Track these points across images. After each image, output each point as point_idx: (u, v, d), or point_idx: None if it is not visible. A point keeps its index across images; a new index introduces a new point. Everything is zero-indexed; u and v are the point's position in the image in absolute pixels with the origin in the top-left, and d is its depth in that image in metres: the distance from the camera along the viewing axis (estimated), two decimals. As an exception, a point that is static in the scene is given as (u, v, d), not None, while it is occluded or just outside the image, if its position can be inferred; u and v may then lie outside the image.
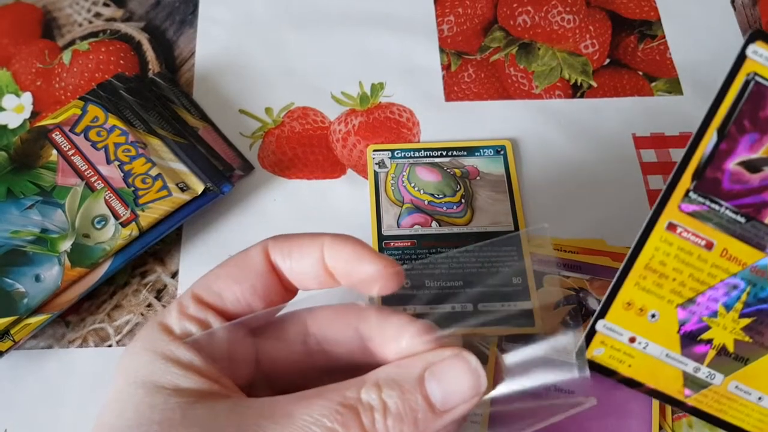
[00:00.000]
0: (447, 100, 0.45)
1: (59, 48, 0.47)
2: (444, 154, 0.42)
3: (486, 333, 0.35)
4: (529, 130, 0.44)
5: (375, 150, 0.42)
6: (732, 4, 0.49)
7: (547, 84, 0.46)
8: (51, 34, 0.47)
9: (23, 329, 0.34)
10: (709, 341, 0.27)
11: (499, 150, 0.42)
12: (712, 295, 0.26)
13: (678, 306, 0.27)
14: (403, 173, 0.41)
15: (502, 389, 0.24)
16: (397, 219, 0.40)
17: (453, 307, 0.32)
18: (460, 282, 0.37)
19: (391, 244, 0.39)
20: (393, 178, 0.41)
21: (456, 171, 0.42)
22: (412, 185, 0.41)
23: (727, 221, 0.26)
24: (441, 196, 0.41)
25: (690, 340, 0.27)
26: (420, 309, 0.31)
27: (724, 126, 0.25)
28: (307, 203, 0.41)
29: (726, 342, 0.27)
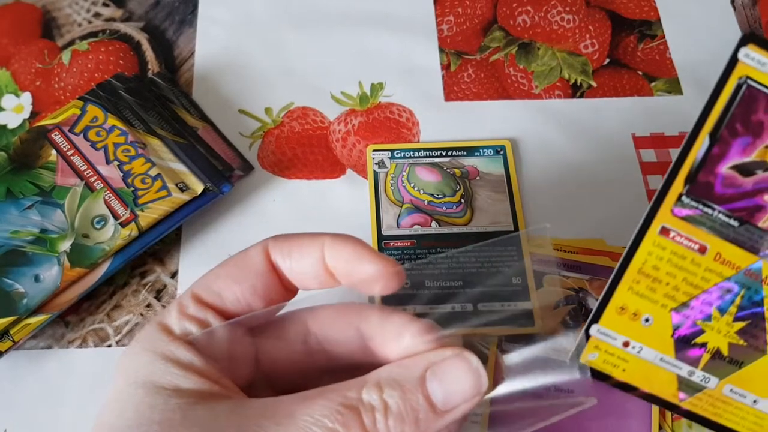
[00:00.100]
0: (447, 100, 0.45)
1: (59, 48, 0.47)
2: (444, 154, 0.42)
3: (486, 333, 0.35)
4: (529, 130, 0.44)
5: (375, 150, 0.42)
6: (732, 4, 0.49)
7: (547, 84, 0.46)
8: (50, 34, 0.47)
9: (23, 329, 0.34)
10: (704, 345, 0.27)
11: (499, 150, 0.42)
12: (705, 299, 0.26)
13: (672, 310, 0.26)
14: (403, 173, 0.41)
15: (502, 389, 0.24)
16: (397, 219, 0.40)
17: (453, 307, 0.32)
18: (459, 282, 0.37)
19: (391, 244, 0.39)
20: (393, 178, 0.41)
21: (456, 171, 0.41)
22: (411, 185, 0.41)
23: (720, 225, 0.26)
24: (441, 196, 0.41)
25: (684, 344, 0.27)
26: (420, 309, 0.31)
27: (716, 130, 0.25)
28: (307, 203, 0.41)
29: (720, 345, 0.27)
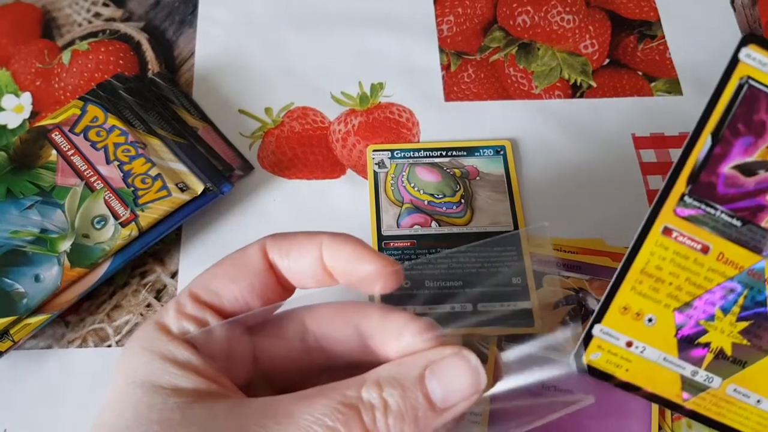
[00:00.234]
0: (447, 100, 0.45)
1: (59, 48, 0.47)
2: (444, 154, 0.42)
3: (486, 333, 0.35)
4: (529, 130, 0.44)
5: (375, 150, 0.42)
6: (732, 4, 0.49)
7: (547, 84, 0.46)
8: (50, 34, 0.47)
9: (23, 329, 0.34)
10: (707, 345, 0.27)
11: (499, 150, 0.42)
12: (709, 299, 0.26)
13: (675, 310, 0.26)
14: (403, 173, 0.41)
15: (500, 387, 0.24)
16: (397, 219, 0.40)
17: (452, 307, 0.32)
18: (459, 282, 0.37)
19: (391, 244, 0.39)
20: (393, 178, 0.41)
21: (456, 171, 0.42)
22: (411, 185, 0.41)
23: (723, 225, 0.26)
24: (441, 196, 0.41)
25: (687, 343, 0.27)
26: (420, 309, 0.31)
27: (718, 130, 0.25)
28: (307, 203, 0.41)
29: (723, 345, 0.27)
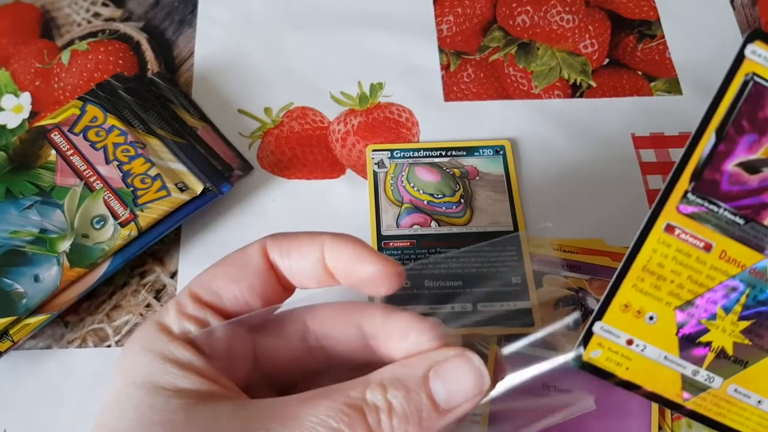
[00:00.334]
0: (446, 100, 0.45)
1: (58, 48, 0.47)
2: (443, 154, 0.42)
3: (486, 333, 0.35)
4: (529, 130, 0.44)
5: (374, 150, 0.42)
6: (731, 4, 0.49)
7: (547, 84, 0.46)
8: (50, 34, 0.47)
9: (22, 329, 0.34)
10: (708, 344, 0.27)
11: (499, 150, 0.42)
12: (710, 298, 0.26)
13: (676, 308, 0.26)
14: (403, 173, 0.41)
15: (501, 388, 0.24)
16: (397, 219, 0.40)
17: (453, 307, 0.32)
18: (459, 282, 0.37)
19: (391, 244, 0.39)
20: (392, 178, 0.41)
21: (455, 171, 0.41)
22: (411, 185, 0.41)
23: (726, 223, 0.26)
24: (440, 196, 0.41)
25: (688, 342, 0.27)
26: (419, 309, 0.31)
27: (722, 127, 0.25)
28: (307, 203, 0.41)
29: (725, 345, 0.27)
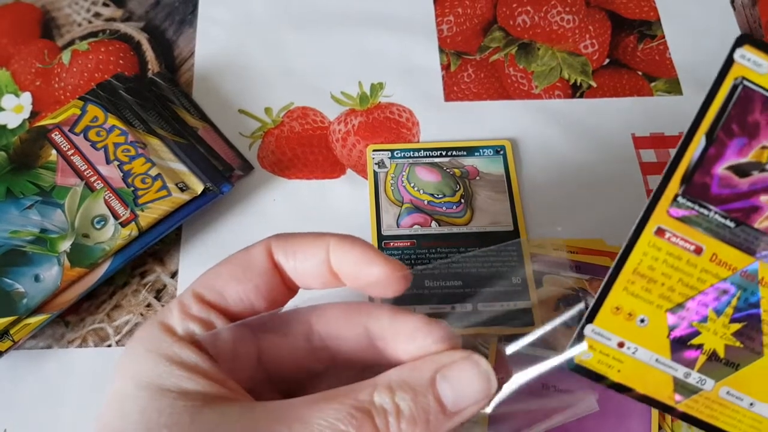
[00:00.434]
0: (446, 100, 0.45)
1: (59, 48, 0.47)
2: (443, 154, 0.42)
3: (486, 333, 0.35)
4: (529, 130, 0.44)
5: (374, 150, 0.42)
6: (731, 4, 0.49)
7: (547, 84, 0.46)
8: (50, 34, 0.47)
9: (23, 329, 0.34)
10: (700, 346, 0.27)
11: (499, 150, 0.42)
12: (702, 300, 0.26)
13: (667, 311, 0.26)
14: (403, 173, 0.41)
15: (507, 390, 0.24)
16: (397, 219, 0.40)
17: (453, 307, 0.32)
18: (459, 282, 0.37)
19: (391, 244, 0.39)
20: (392, 178, 0.41)
21: (455, 171, 0.42)
22: (411, 185, 0.41)
23: (717, 226, 0.26)
24: (440, 196, 0.41)
25: (680, 345, 0.27)
26: (419, 309, 0.31)
27: (712, 130, 0.25)
28: (307, 203, 0.41)
29: (716, 347, 0.27)
